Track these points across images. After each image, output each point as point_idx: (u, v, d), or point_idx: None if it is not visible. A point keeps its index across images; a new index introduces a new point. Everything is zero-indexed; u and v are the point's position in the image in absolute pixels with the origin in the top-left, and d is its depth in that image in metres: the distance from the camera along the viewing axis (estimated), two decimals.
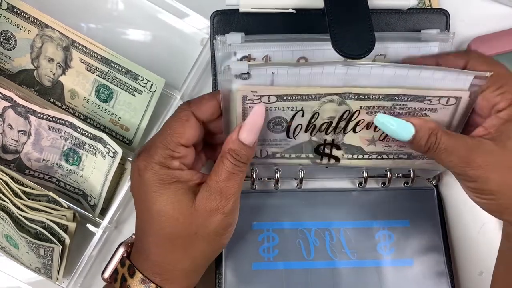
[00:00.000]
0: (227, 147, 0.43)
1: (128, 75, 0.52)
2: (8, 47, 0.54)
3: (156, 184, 0.42)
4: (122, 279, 0.44)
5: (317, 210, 0.52)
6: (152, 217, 0.43)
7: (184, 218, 0.42)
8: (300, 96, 0.43)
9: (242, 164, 0.43)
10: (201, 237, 0.43)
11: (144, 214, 0.44)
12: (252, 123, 0.43)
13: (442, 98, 0.43)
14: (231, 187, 0.43)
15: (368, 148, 0.48)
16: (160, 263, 0.43)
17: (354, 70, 0.42)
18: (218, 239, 0.44)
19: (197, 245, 0.43)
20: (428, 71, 0.42)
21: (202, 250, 0.44)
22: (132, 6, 0.58)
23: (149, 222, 0.43)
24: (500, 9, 0.59)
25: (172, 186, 0.42)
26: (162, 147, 0.43)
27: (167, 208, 0.42)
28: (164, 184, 0.42)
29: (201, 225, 0.42)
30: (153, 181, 0.42)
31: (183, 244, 0.43)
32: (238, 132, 0.43)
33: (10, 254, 0.52)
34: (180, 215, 0.42)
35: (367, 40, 0.42)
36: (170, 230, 0.42)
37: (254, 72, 0.42)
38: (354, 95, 0.43)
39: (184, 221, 0.42)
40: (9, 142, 0.53)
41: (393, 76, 0.42)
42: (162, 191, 0.42)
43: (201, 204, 0.42)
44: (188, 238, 0.43)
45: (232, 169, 0.43)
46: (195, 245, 0.43)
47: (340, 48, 0.42)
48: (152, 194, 0.42)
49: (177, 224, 0.42)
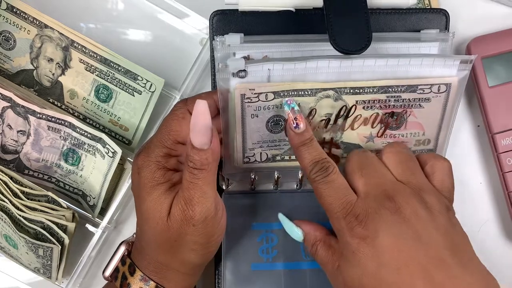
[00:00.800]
0: (186, 153, 0.40)
1: (128, 75, 0.52)
2: (7, 47, 0.54)
3: (149, 183, 0.42)
4: (122, 277, 0.44)
5: (317, 210, 0.51)
6: (142, 217, 0.43)
7: (162, 224, 0.41)
8: (296, 91, 0.43)
9: (197, 170, 0.40)
10: (181, 244, 0.42)
11: (138, 213, 0.44)
12: (194, 123, 0.39)
13: (434, 86, 0.44)
14: (193, 196, 0.40)
15: (367, 146, 0.48)
16: (154, 262, 0.43)
17: (347, 63, 0.43)
18: (201, 248, 0.42)
19: (181, 251, 0.42)
20: (417, 59, 0.43)
21: (187, 255, 0.42)
22: (132, 6, 0.58)
23: (142, 221, 0.43)
24: (500, 9, 0.59)
25: (161, 187, 0.42)
26: (159, 146, 0.43)
27: (151, 209, 0.41)
28: (155, 184, 0.42)
29: (177, 233, 0.41)
30: (148, 180, 0.42)
31: (168, 249, 0.42)
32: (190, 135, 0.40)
33: (9, 254, 0.52)
34: (159, 220, 0.41)
35: (364, 35, 0.43)
36: (154, 232, 0.42)
37: (251, 69, 0.42)
38: (349, 89, 0.44)
39: (162, 226, 0.41)
40: (9, 142, 0.53)
41: (385, 66, 0.43)
42: (151, 191, 0.42)
43: (173, 212, 0.41)
44: (170, 243, 0.42)
45: (189, 177, 0.40)
46: (179, 251, 0.42)
47: (337, 43, 0.43)
48: (143, 192, 0.42)
49: (157, 228, 0.41)
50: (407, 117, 0.46)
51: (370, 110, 0.45)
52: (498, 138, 0.54)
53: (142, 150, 0.44)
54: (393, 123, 0.47)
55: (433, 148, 0.49)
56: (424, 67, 0.44)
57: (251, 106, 0.44)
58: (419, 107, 0.46)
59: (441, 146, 0.49)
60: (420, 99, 0.45)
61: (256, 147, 0.47)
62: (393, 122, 0.46)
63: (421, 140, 0.48)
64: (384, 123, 0.46)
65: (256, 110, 0.44)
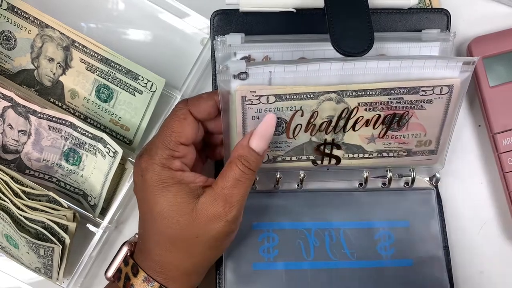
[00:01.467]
0: (237, 153, 0.43)
1: (128, 75, 0.52)
2: (8, 47, 0.54)
3: (158, 185, 0.42)
4: (125, 278, 0.44)
5: (317, 210, 0.52)
6: (153, 218, 0.43)
7: (185, 221, 0.42)
8: (298, 95, 0.43)
9: (251, 171, 0.43)
10: (201, 241, 0.43)
11: (146, 215, 0.44)
12: (263, 131, 0.43)
13: (436, 87, 0.44)
14: (236, 194, 0.42)
15: (368, 147, 0.48)
16: (161, 263, 0.43)
17: (350, 65, 0.43)
18: (219, 244, 0.44)
19: (197, 248, 0.43)
20: (420, 61, 0.43)
21: (203, 254, 0.43)
22: (132, 6, 0.58)
23: (151, 223, 0.43)
24: (501, 9, 0.59)
25: (173, 188, 0.42)
26: (162, 148, 0.43)
27: (168, 210, 0.42)
28: (165, 186, 0.42)
29: (202, 229, 0.42)
30: (155, 183, 0.42)
31: (184, 246, 0.43)
32: (249, 138, 0.43)
33: (10, 254, 0.52)
34: (180, 218, 0.42)
35: (366, 38, 0.43)
36: (170, 231, 0.42)
37: (252, 71, 0.42)
38: (352, 92, 0.44)
39: (184, 224, 0.42)
40: (9, 142, 0.53)
41: (388, 68, 0.43)
42: (163, 193, 0.42)
43: (203, 208, 0.42)
44: (189, 241, 0.42)
45: (240, 176, 0.42)
46: (195, 248, 0.43)
47: (339, 46, 0.43)
48: (153, 195, 0.42)
49: (177, 227, 0.42)
50: (408, 118, 0.46)
51: (372, 111, 0.45)
52: (499, 138, 0.54)
53: (144, 152, 0.44)
54: (395, 125, 0.46)
55: (434, 149, 0.49)
56: (426, 69, 0.44)
57: (252, 108, 0.44)
58: (421, 108, 0.46)
59: (443, 147, 0.49)
60: (422, 101, 0.45)
61: None
62: (395, 124, 0.46)
63: (423, 141, 0.48)
64: (386, 125, 0.46)
65: (257, 112, 0.44)
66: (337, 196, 0.52)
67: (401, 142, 0.48)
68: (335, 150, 0.48)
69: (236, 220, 0.43)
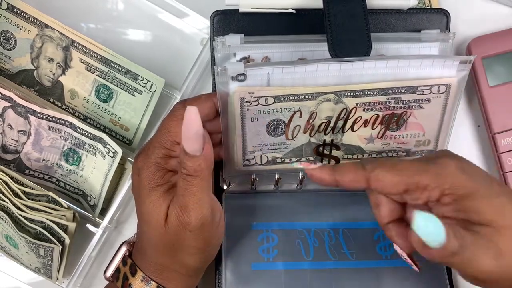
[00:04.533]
0: (179, 159, 0.40)
1: (128, 75, 0.52)
2: (8, 47, 0.54)
3: (148, 184, 0.42)
4: (124, 277, 0.44)
5: (317, 210, 0.52)
6: (142, 218, 0.43)
7: (160, 227, 0.41)
8: (296, 96, 0.43)
9: (191, 177, 0.39)
10: (180, 249, 0.42)
11: (139, 214, 0.44)
12: (185, 131, 0.38)
13: (433, 86, 0.44)
14: (188, 202, 0.40)
15: (367, 147, 0.48)
16: (155, 264, 0.43)
17: (347, 66, 0.43)
18: (200, 252, 0.42)
19: (180, 255, 0.42)
20: (417, 60, 0.44)
21: (187, 260, 0.42)
22: (132, 6, 0.58)
23: (142, 223, 0.43)
24: (501, 9, 0.59)
25: (160, 188, 0.42)
26: (158, 147, 0.43)
27: (150, 212, 0.41)
28: (154, 185, 0.42)
29: (175, 238, 0.41)
30: (147, 182, 0.42)
31: (167, 251, 0.42)
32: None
33: (10, 254, 0.52)
34: (157, 223, 0.41)
35: (364, 45, 0.43)
36: (153, 234, 0.42)
37: (250, 72, 0.42)
38: (350, 92, 0.44)
39: (160, 230, 0.41)
40: (9, 142, 0.53)
41: (385, 68, 0.43)
42: (150, 193, 0.42)
43: (170, 217, 0.41)
44: (169, 247, 0.42)
45: (183, 184, 0.40)
46: (178, 255, 0.42)
47: (336, 53, 0.43)
48: (143, 194, 0.42)
49: (156, 231, 0.41)
50: (407, 118, 0.46)
51: (370, 112, 0.45)
52: (498, 138, 0.54)
53: (141, 152, 0.44)
54: (393, 125, 0.47)
55: (433, 149, 0.49)
56: (423, 68, 0.44)
57: (250, 109, 0.44)
58: (419, 108, 0.46)
59: (441, 147, 0.49)
60: (420, 100, 0.45)
61: (256, 150, 0.47)
62: (393, 124, 0.46)
63: (421, 140, 0.48)
64: (384, 125, 0.46)
65: (255, 114, 0.44)
66: (337, 196, 0.52)
67: (400, 142, 0.48)
68: (334, 151, 0.48)
69: (202, 230, 0.41)
